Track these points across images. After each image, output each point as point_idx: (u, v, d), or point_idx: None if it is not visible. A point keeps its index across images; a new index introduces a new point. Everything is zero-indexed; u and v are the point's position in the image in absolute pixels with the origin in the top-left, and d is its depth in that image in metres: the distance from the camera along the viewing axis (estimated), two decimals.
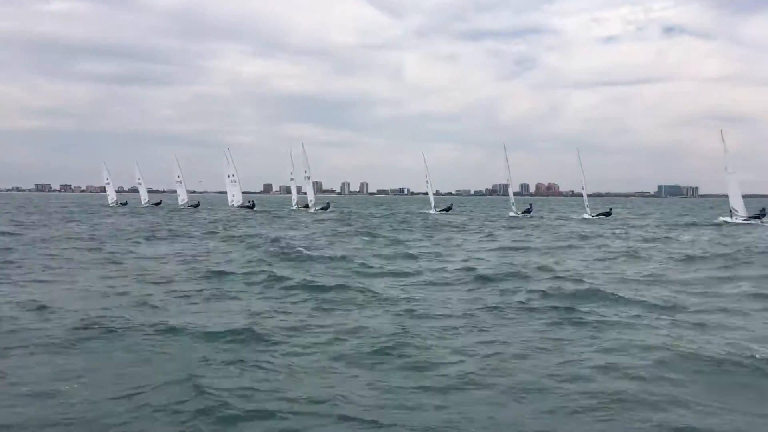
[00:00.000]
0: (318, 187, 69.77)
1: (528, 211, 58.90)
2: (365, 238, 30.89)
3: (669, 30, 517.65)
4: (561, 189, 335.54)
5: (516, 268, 18.57)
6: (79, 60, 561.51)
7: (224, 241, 27.78)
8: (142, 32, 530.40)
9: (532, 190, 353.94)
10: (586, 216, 55.48)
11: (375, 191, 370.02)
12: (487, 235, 33.86)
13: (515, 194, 62.34)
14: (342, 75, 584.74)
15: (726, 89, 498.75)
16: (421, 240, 30.06)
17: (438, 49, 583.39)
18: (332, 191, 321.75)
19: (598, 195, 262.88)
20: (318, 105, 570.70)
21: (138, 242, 26.72)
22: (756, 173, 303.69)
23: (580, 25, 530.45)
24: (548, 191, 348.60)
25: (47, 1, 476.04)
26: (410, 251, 23.87)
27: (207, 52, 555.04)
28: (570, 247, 27.05)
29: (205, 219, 47.87)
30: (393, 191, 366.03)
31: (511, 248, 26.23)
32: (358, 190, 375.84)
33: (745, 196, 48.77)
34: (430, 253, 23.60)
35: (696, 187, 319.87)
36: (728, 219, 47.56)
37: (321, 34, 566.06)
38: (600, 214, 56.04)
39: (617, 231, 37.75)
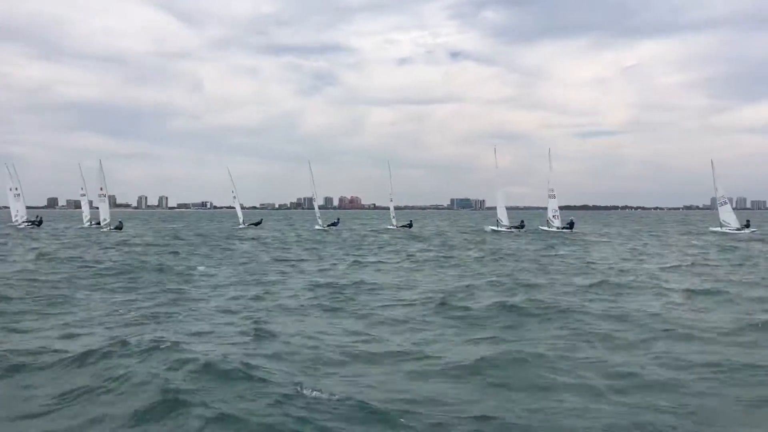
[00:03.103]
0: (112, 202, 65.43)
1: (335, 224, 62.48)
2: None
3: (455, 55, 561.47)
4: (363, 202, 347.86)
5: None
6: None
7: None
8: None
9: (336, 203, 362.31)
10: (390, 227, 61.33)
11: (175, 205, 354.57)
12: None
13: (320, 207, 64.60)
14: (137, 84, 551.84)
15: (505, 110, 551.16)
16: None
17: (238, 62, 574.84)
18: (128, 205, 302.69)
19: (398, 208, 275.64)
20: (111, 114, 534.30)
21: None
22: (530, 187, 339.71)
23: (376, 46, 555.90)
24: (351, 204, 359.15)
25: None
26: None
27: None
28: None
29: None
30: (195, 205, 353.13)
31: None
32: (156, 204, 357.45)
33: (521, 208, 55.91)
34: None
35: (483, 200, 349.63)
36: (495, 228, 54.79)
37: (113, 40, 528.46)
38: (403, 226, 61.40)
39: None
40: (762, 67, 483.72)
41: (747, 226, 52.11)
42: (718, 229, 53.26)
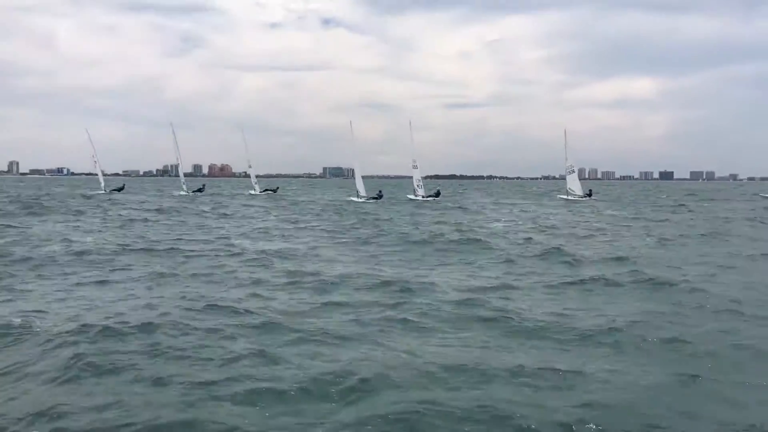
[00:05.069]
0: None
1: (200, 190, 65.10)
2: None
3: (327, 22, 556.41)
4: (234, 170, 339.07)
5: None
6: None
7: None
8: None
9: (205, 171, 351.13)
10: (252, 192, 64.91)
11: (27, 171, 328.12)
12: None
13: (188, 175, 65.06)
14: None
15: (376, 80, 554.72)
16: None
17: (95, 19, 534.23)
18: None
19: (269, 176, 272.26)
20: None
21: None
22: (399, 156, 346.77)
23: (245, 8, 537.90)
24: (221, 172, 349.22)
25: None
26: None
27: None
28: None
29: None
30: (50, 171, 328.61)
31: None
32: (6, 170, 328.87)
33: (391, 177, 58.01)
34: None
35: (353, 169, 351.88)
36: (354, 198, 57.01)
37: None
38: (266, 190, 66.02)
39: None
40: (613, 46, 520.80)
41: (590, 195, 57.11)
42: (565, 196, 57.98)
